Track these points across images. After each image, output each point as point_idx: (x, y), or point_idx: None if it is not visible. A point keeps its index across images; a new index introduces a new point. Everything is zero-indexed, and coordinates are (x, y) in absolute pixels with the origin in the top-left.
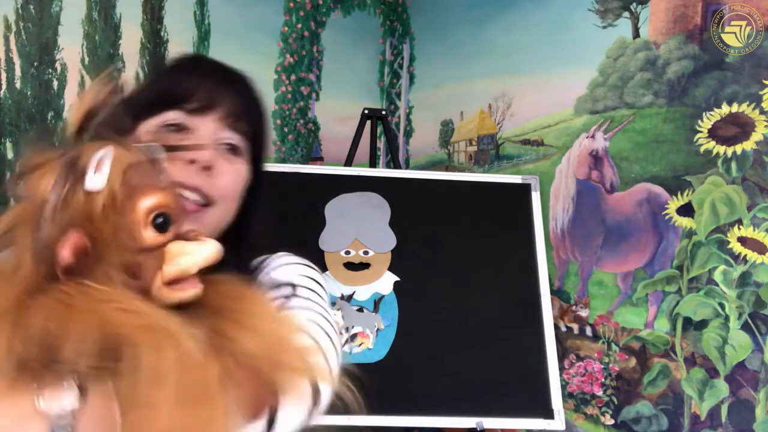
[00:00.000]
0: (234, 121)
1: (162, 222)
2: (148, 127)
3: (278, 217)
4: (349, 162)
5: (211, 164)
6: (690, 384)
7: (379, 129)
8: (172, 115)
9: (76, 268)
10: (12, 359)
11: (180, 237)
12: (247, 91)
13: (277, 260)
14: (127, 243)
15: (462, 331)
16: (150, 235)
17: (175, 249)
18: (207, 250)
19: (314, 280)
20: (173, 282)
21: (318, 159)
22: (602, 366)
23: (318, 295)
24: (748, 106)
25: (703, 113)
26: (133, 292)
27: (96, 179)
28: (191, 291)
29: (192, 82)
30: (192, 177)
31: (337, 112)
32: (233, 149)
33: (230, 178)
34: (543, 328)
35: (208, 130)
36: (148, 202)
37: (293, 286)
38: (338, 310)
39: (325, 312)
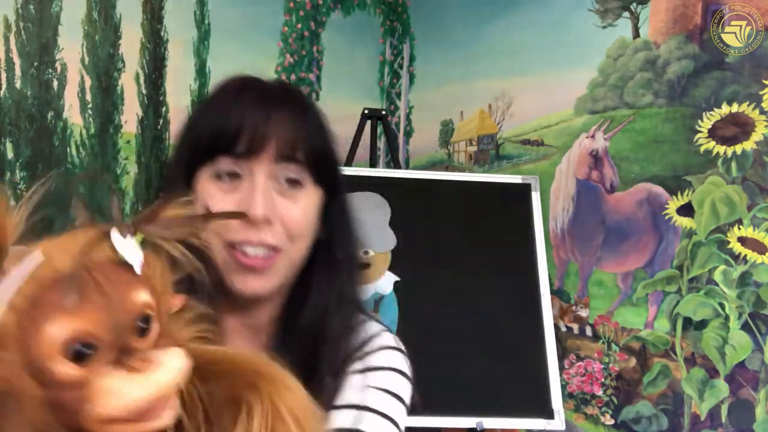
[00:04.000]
0: (289, 154)
1: (79, 351)
2: (204, 180)
3: None
4: (349, 162)
5: (269, 217)
6: (690, 384)
7: (379, 129)
8: (223, 163)
9: None
10: None
11: (117, 364)
12: (299, 112)
13: (373, 358)
14: (34, 382)
15: (462, 331)
16: (63, 370)
17: (98, 385)
18: (144, 388)
19: (398, 397)
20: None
21: None
22: (602, 366)
23: (393, 424)
24: (748, 106)
25: (703, 113)
26: None
27: None
28: (150, 425)
29: (235, 119)
30: (253, 234)
31: (337, 112)
32: (294, 182)
33: (296, 216)
34: (543, 328)
35: (263, 173)
36: (59, 330)
37: (361, 409)
38: None
39: None
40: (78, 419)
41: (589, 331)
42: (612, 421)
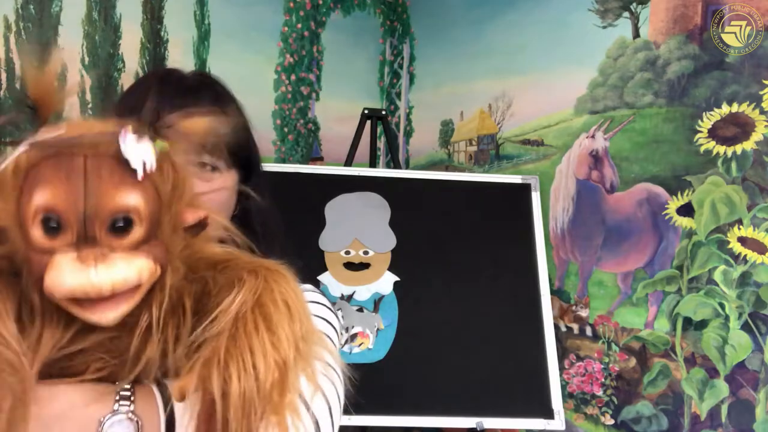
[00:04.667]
0: (203, 144)
1: (50, 225)
2: None
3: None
4: (349, 162)
5: None
6: (690, 384)
7: (379, 129)
8: None
9: None
10: None
11: (79, 249)
12: (214, 103)
13: None
14: (20, 234)
15: (462, 331)
16: (36, 235)
17: (54, 260)
18: (77, 279)
19: (324, 319)
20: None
21: (318, 159)
22: (602, 366)
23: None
24: (748, 106)
25: (703, 113)
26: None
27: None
28: (94, 316)
29: (145, 110)
30: None
31: (337, 112)
32: (207, 166)
33: (211, 198)
34: (543, 328)
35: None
36: (39, 198)
37: None
38: (338, 310)
39: (329, 358)
40: (40, 284)
41: (589, 331)
42: (612, 421)
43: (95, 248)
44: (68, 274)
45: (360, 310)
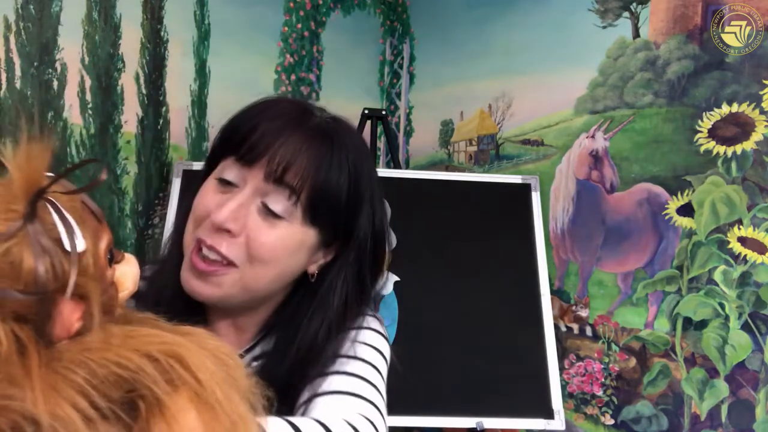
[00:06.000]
0: (281, 174)
1: (111, 256)
2: (208, 181)
3: None
4: None
5: (231, 227)
6: (690, 384)
7: (379, 129)
8: (228, 168)
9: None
10: None
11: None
12: (320, 145)
13: (354, 333)
14: (104, 287)
15: (462, 331)
16: (110, 272)
17: (119, 275)
18: (134, 268)
19: (372, 347)
20: None
21: None
22: (602, 366)
23: (369, 364)
24: (748, 106)
25: (703, 113)
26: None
27: (80, 240)
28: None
29: (250, 124)
30: (211, 237)
31: (337, 112)
32: (275, 215)
33: (264, 241)
34: (543, 328)
35: (252, 186)
36: (104, 244)
37: (344, 357)
38: None
39: (369, 385)
40: (112, 311)
41: (589, 331)
42: (612, 421)
43: (116, 256)
44: (134, 270)
45: None
